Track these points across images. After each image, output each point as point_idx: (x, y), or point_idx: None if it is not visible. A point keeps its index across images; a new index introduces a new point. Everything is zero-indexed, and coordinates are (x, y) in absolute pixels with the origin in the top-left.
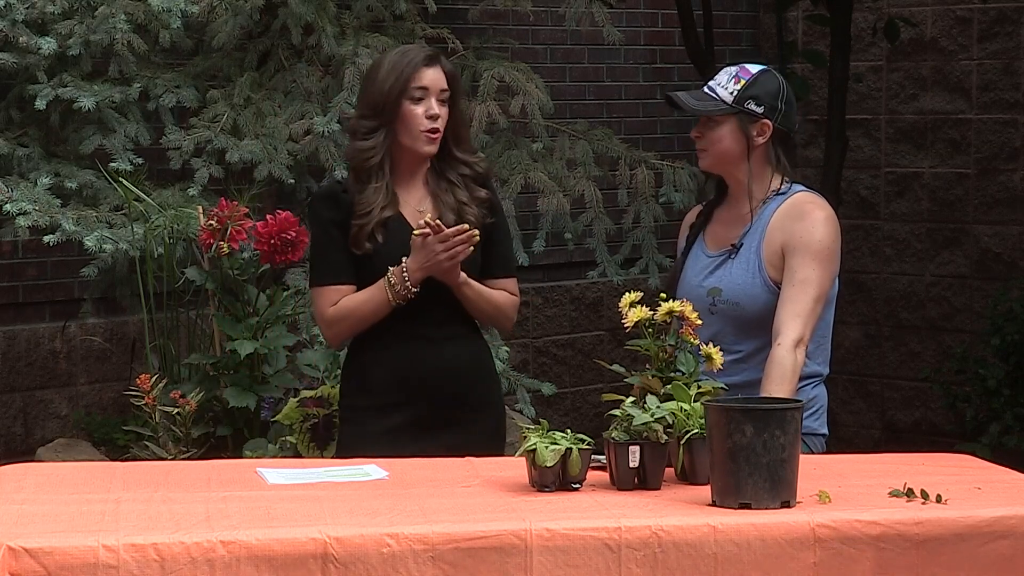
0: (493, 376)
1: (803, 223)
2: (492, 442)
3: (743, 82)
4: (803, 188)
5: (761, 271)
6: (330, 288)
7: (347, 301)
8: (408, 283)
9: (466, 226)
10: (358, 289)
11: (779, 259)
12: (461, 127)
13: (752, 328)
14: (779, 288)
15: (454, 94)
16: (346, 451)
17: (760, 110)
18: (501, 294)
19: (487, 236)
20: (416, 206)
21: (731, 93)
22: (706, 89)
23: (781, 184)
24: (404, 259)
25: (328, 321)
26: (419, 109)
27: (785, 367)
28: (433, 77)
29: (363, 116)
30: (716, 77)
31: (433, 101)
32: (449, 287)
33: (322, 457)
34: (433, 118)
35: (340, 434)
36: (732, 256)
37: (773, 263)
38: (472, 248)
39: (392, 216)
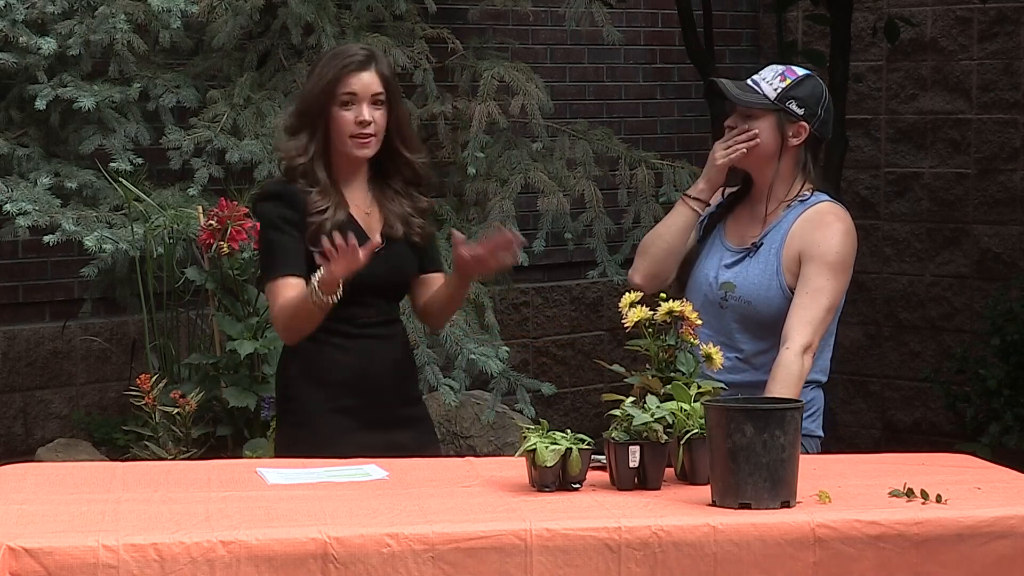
0: (416, 377)
1: (823, 232)
2: (432, 435)
3: (789, 81)
4: (827, 198)
5: (779, 274)
6: (283, 281)
7: (290, 299)
8: (319, 290)
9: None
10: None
11: (796, 265)
12: (404, 126)
13: (759, 329)
14: (793, 294)
15: (391, 95)
16: (285, 450)
17: (800, 112)
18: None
19: (426, 240)
20: (364, 209)
21: (775, 90)
22: (750, 82)
23: (803, 189)
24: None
25: (276, 317)
26: (349, 115)
27: (792, 371)
28: (363, 82)
29: (294, 114)
30: (762, 72)
31: (364, 107)
32: (386, 289)
33: None
34: (363, 124)
35: (278, 434)
36: (751, 255)
37: (790, 268)
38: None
39: (346, 220)
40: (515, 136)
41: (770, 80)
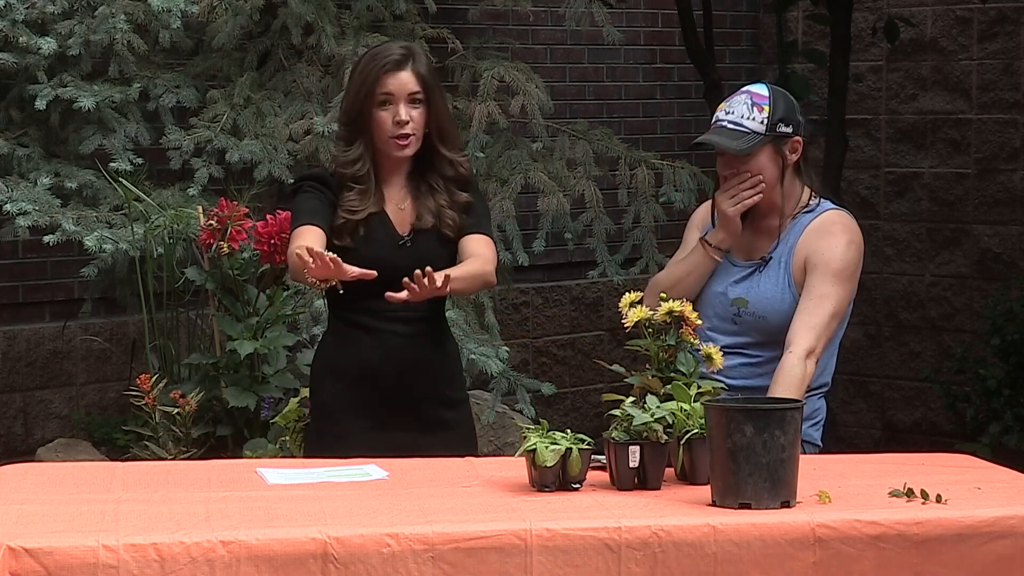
0: (461, 376)
1: (827, 241)
2: (467, 443)
3: (767, 108)
4: (832, 205)
5: (790, 286)
6: (302, 228)
7: (299, 247)
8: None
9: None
10: (328, 238)
11: (804, 275)
12: (445, 124)
13: (773, 340)
14: None
15: (429, 93)
16: (315, 450)
17: (790, 129)
18: (475, 264)
19: (464, 221)
20: (398, 204)
21: (761, 123)
22: (729, 125)
23: (810, 199)
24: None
25: (288, 260)
26: (386, 115)
27: (794, 375)
28: (399, 81)
29: (342, 124)
30: (731, 109)
31: (401, 106)
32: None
33: None
34: (400, 124)
35: (307, 432)
36: (760, 269)
37: (799, 280)
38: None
39: (376, 213)
40: (515, 136)
41: (748, 115)
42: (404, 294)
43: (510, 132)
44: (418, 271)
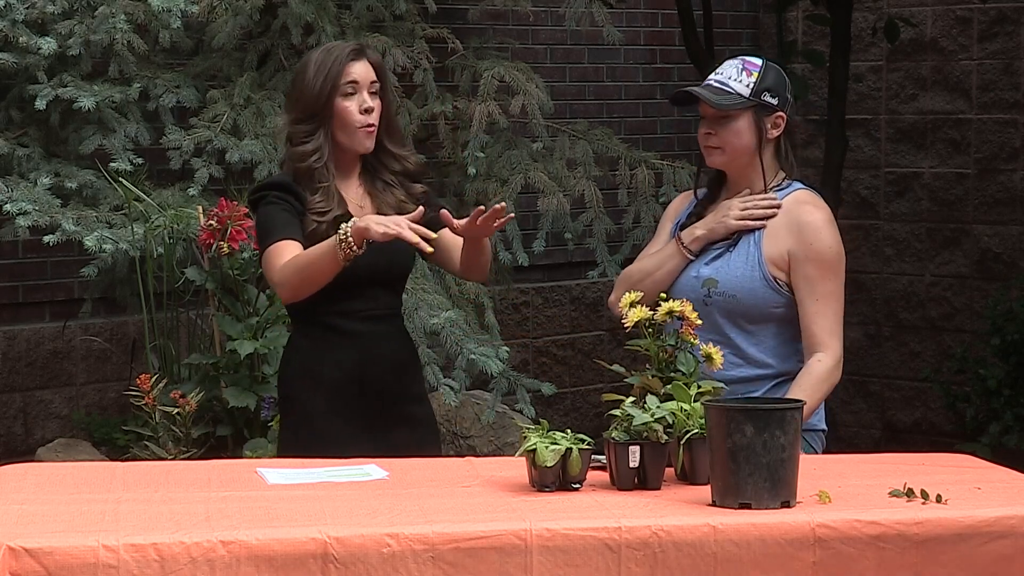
0: (422, 371)
1: (811, 229)
2: (435, 438)
3: (756, 74)
4: (801, 185)
5: (761, 265)
6: (285, 242)
7: (299, 256)
8: (350, 236)
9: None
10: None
11: (784, 261)
12: (393, 120)
13: (747, 322)
14: (778, 284)
15: (385, 86)
16: (287, 451)
17: (775, 102)
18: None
19: (430, 219)
20: (358, 204)
21: (747, 86)
22: (715, 83)
23: (783, 180)
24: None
25: (280, 269)
26: (352, 104)
27: (828, 381)
28: (362, 70)
29: (298, 120)
30: (721, 71)
31: (365, 94)
32: (392, 281)
33: None
34: (368, 112)
35: (281, 432)
36: (731, 248)
37: (776, 262)
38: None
39: (342, 215)
40: (515, 136)
41: (736, 77)
42: (460, 222)
43: (510, 132)
44: (481, 208)
